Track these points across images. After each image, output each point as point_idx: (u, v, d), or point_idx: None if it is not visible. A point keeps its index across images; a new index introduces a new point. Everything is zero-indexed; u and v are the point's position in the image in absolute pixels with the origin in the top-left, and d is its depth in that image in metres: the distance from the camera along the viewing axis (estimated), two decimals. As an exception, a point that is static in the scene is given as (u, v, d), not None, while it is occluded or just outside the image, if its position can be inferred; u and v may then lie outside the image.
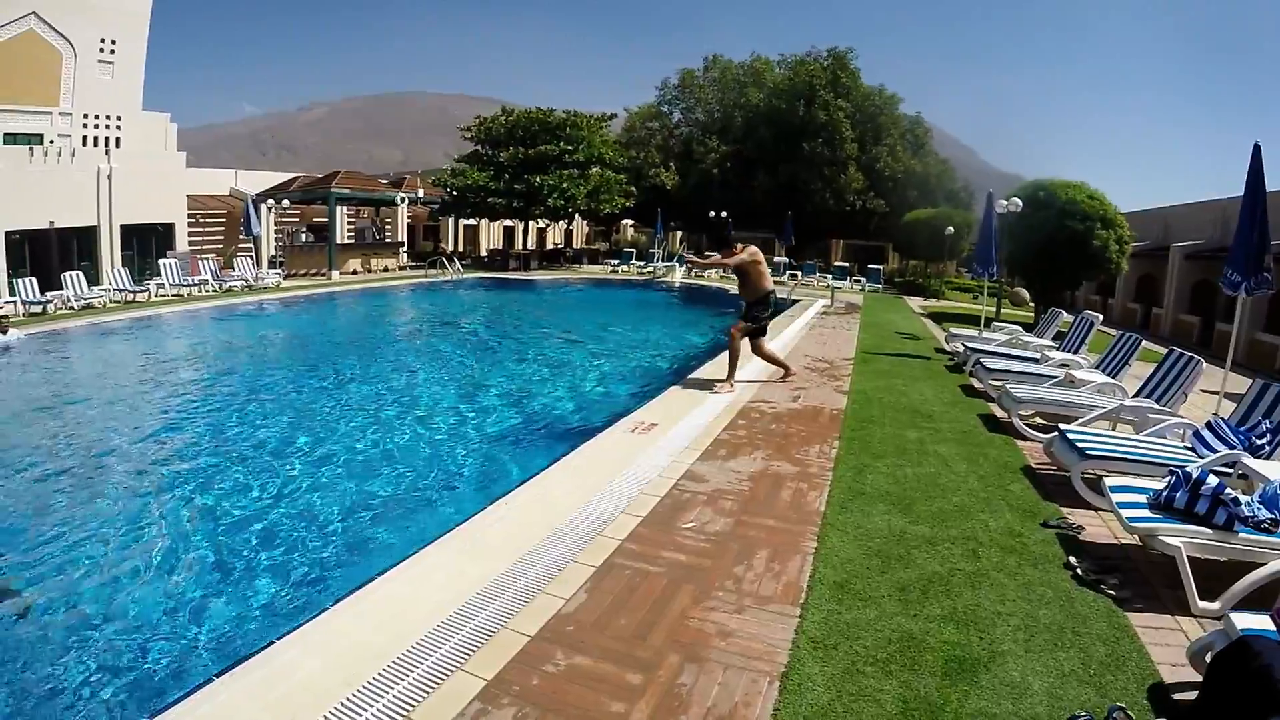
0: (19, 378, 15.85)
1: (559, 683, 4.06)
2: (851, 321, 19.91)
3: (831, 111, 44.55)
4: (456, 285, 33.55)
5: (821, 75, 45.96)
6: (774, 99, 47.38)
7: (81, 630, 5.77)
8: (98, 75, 33.18)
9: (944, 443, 8.53)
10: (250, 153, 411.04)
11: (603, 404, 11.48)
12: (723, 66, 51.94)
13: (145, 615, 5.98)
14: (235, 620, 5.93)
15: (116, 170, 30.55)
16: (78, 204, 29.66)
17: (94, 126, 33.34)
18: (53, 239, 28.89)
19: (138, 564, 6.86)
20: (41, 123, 31.69)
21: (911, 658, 4.21)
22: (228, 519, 7.86)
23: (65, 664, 5.29)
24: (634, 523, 6.19)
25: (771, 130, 46.28)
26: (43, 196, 28.19)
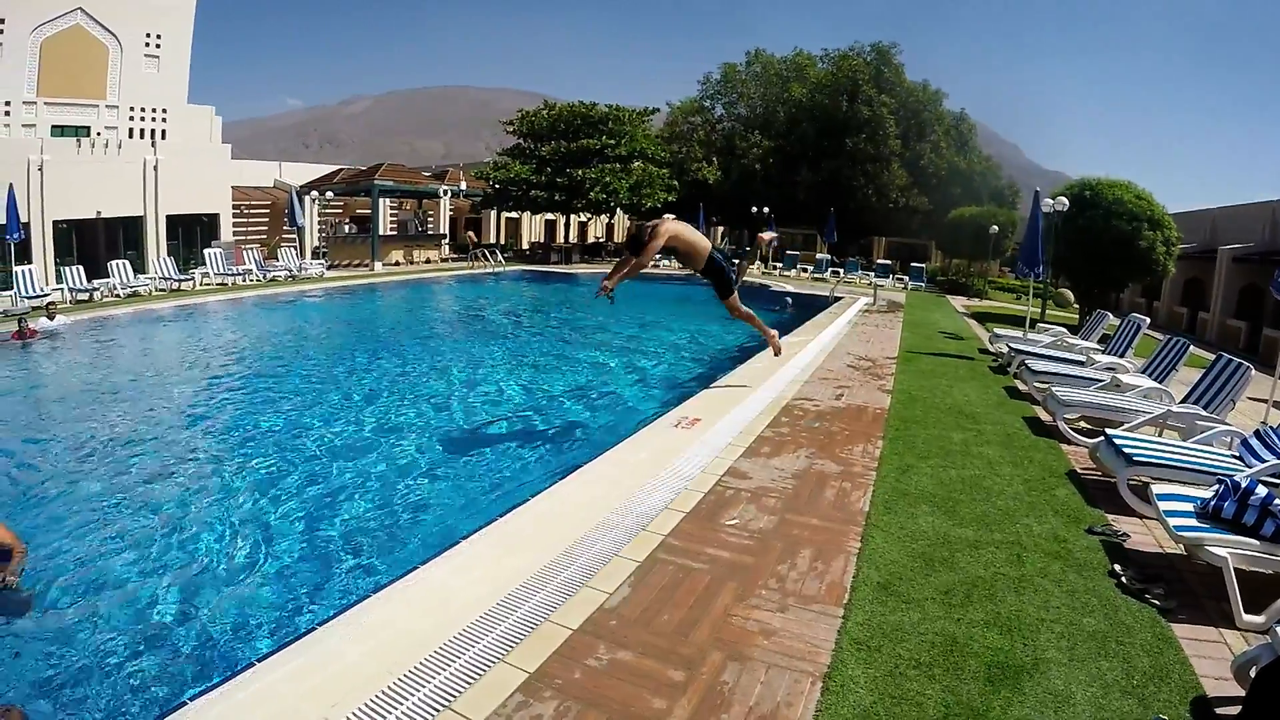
0: (66, 361, 16.19)
1: (601, 678, 4.08)
2: (894, 320, 19.81)
3: (875, 107, 44.27)
4: (498, 278, 33.72)
5: (865, 70, 45.68)
6: (817, 94, 47.13)
7: (124, 611, 5.91)
8: (144, 69, 33.84)
9: (988, 445, 8.48)
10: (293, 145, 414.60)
11: (646, 398, 11.51)
12: (765, 61, 51.64)
13: (187, 597, 6.11)
14: (277, 605, 6.03)
15: (162, 162, 31.17)
16: (124, 194, 30.30)
17: (140, 119, 34.00)
18: (99, 228, 29.58)
19: (181, 546, 7.01)
20: (89, 115, 32.34)
21: (954, 662, 4.19)
22: (271, 504, 8.01)
23: (110, 645, 5.41)
24: (678, 518, 6.21)
25: (814, 126, 46.04)
26: (90, 187, 28.83)
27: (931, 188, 44.25)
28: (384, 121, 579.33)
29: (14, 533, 6.14)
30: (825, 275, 33.38)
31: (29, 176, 27.07)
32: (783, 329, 17.16)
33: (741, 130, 50.31)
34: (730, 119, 52.99)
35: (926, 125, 45.66)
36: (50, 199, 27.87)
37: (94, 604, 5.95)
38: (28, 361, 15.91)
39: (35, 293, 22.40)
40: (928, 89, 46.92)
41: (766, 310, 22.93)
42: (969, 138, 47.52)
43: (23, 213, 24.54)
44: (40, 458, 9.62)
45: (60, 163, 28.15)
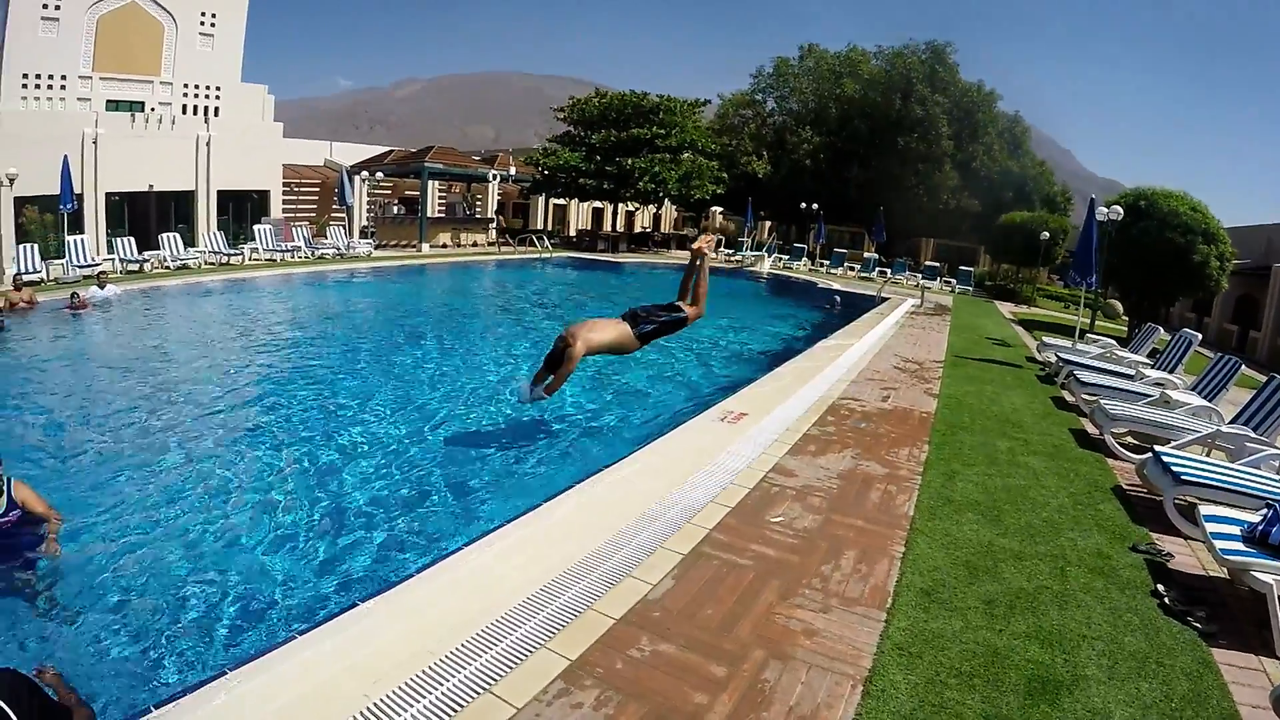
0: (116, 331, 16.58)
1: (642, 669, 4.13)
2: (941, 323, 19.71)
3: (928, 106, 43.74)
4: (544, 263, 33.84)
5: (919, 68, 45.11)
6: (869, 91, 46.61)
7: (166, 579, 6.04)
8: (198, 47, 34.23)
9: (1034, 455, 8.45)
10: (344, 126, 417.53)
11: (690, 390, 11.53)
12: (818, 56, 51.05)
13: (229, 568, 6.25)
14: (318, 581, 6.14)
15: (215, 138, 31.63)
16: (176, 169, 30.82)
17: (194, 96, 34.40)
18: (151, 201, 30.08)
19: (224, 518, 7.16)
20: (143, 91, 32.79)
21: (995, 674, 4.21)
22: (315, 481, 8.15)
23: (150, 612, 5.55)
24: (722, 513, 6.27)
25: (866, 123, 45.61)
26: (143, 161, 29.31)
27: (983, 190, 43.61)
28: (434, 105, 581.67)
29: (47, 501, 6.28)
30: (872, 275, 33.15)
31: (83, 149, 27.55)
32: (830, 328, 17.13)
33: (792, 125, 49.89)
34: (781, 113, 52.53)
35: (980, 127, 44.91)
36: (104, 171, 28.37)
37: (136, 571, 6.10)
38: (80, 330, 16.26)
39: (86, 262, 22.96)
40: (982, 90, 46.09)
41: (814, 309, 22.93)
42: (1022, 141, 46.72)
43: (76, 184, 25.01)
44: (89, 425, 9.83)
45: (114, 136, 28.65)
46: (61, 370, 12.89)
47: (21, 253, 22.15)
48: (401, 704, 3.82)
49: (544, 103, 57.42)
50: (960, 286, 31.97)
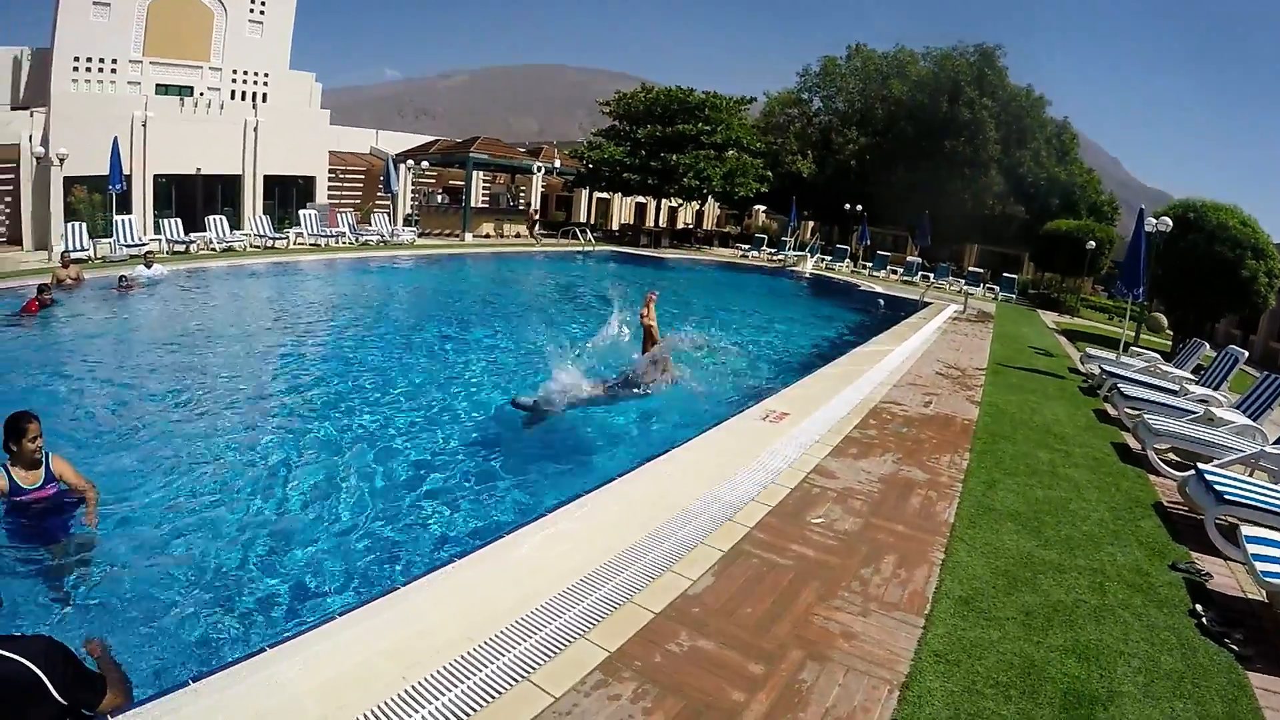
0: (163, 310, 16.98)
1: (681, 663, 4.18)
2: (984, 330, 19.57)
3: (976, 110, 43.33)
4: (587, 256, 33.93)
5: (967, 71, 44.67)
6: (917, 93, 46.28)
7: (208, 554, 6.18)
8: (247, 34, 34.87)
9: (1076, 468, 8.41)
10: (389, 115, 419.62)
11: (733, 388, 11.54)
12: (865, 56, 50.77)
13: (269, 546, 6.39)
14: (358, 561, 6.24)
15: (262, 124, 32.26)
16: (224, 153, 31.49)
17: (242, 82, 35.01)
18: (198, 184, 30.70)
19: (265, 496, 7.33)
20: (192, 76, 33.45)
21: (1031, 685, 4.21)
22: (356, 462, 8.28)
23: (190, 587, 5.67)
24: (763, 512, 6.31)
25: (913, 125, 45.27)
26: (191, 144, 30.01)
27: (1029, 197, 43.16)
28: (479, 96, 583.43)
29: (83, 475, 6.39)
30: (915, 279, 32.96)
31: (132, 131, 28.23)
32: (872, 331, 17.06)
33: (838, 125, 49.64)
34: (827, 113, 52.29)
35: (1027, 132, 44.39)
36: (152, 154, 29.08)
37: (175, 546, 6.24)
38: (126, 307, 16.61)
39: (133, 242, 23.55)
40: (1030, 94, 45.55)
41: (856, 311, 22.81)
42: (1070, 147, 46.10)
43: (125, 165, 25.63)
44: (132, 401, 10.08)
45: (163, 120, 29.32)
46: (106, 346, 13.18)
47: (70, 230, 22.77)
48: (439, 688, 3.88)
49: (588, 96, 57.69)
50: (1003, 293, 31.68)
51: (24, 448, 5.92)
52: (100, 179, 25.38)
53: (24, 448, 5.92)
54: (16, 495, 5.94)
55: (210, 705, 3.70)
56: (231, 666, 4.03)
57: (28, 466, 6.01)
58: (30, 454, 5.97)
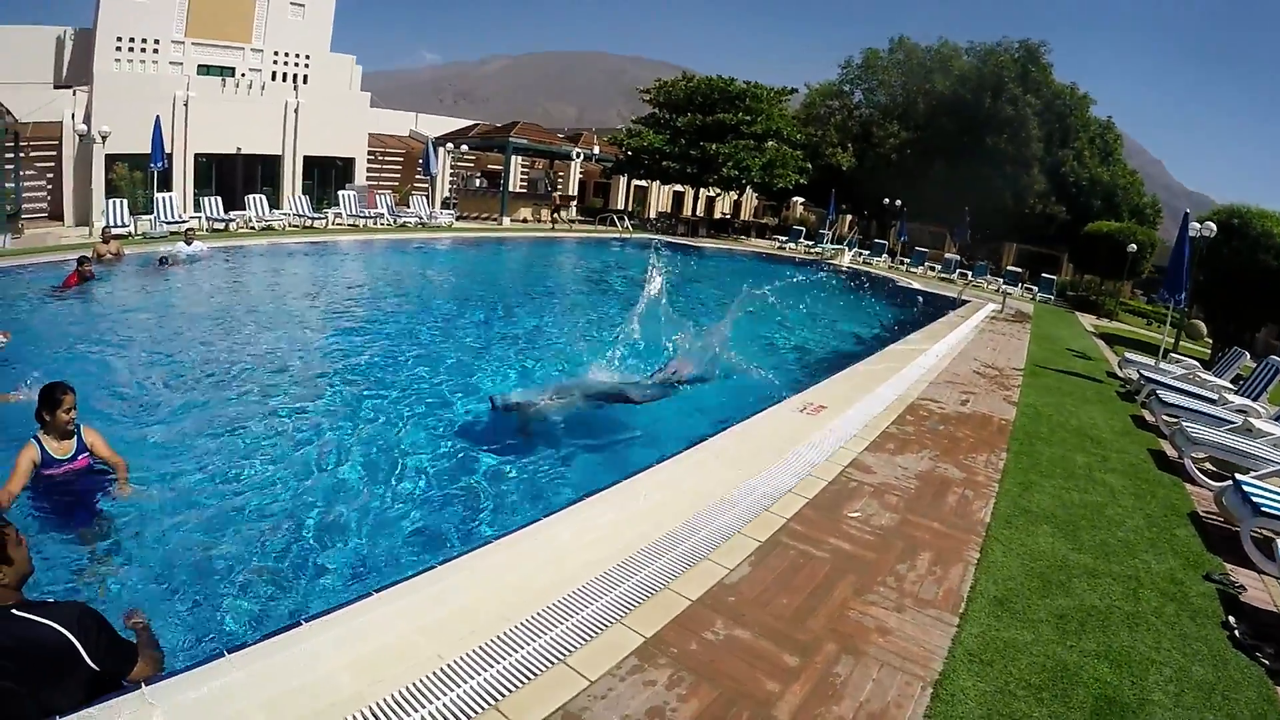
0: (201, 284, 17.31)
1: (717, 652, 4.22)
2: (1022, 330, 19.43)
3: (1019, 107, 42.73)
4: (624, 243, 33.94)
5: (1011, 67, 43.99)
6: (959, 88, 45.75)
7: (243, 530, 6.27)
8: (289, 16, 35.23)
9: (1112, 473, 8.38)
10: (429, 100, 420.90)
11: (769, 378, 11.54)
12: (908, 49, 50.12)
13: (303, 524, 6.46)
14: (393, 541, 6.33)
15: (303, 105, 32.69)
16: (264, 134, 31.94)
17: (284, 64, 35.36)
18: (238, 163, 31.13)
19: (298, 474, 7.42)
20: (234, 57, 33.88)
21: (1063, 689, 4.23)
22: (391, 443, 8.37)
23: (225, 563, 5.76)
24: (800, 504, 6.36)
25: (954, 121, 44.72)
26: (231, 124, 30.45)
27: (1070, 197, 42.59)
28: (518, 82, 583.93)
29: (112, 448, 6.47)
30: (952, 276, 32.68)
31: (174, 111, 28.69)
32: (909, 327, 16.97)
33: (879, 118, 49.18)
34: (868, 106, 51.82)
35: (1071, 131, 43.78)
36: (193, 133, 29.59)
37: (211, 521, 6.33)
38: (165, 283, 16.93)
39: (174, 219, 23.93)
40: (1075, 92, 44.96)
41: (894, 307, 22.68)
42: (1114, 148, 45.50)
43: (166, 144, 26.03)
44: (168, 374, 10.24)
45: (204, 100, 29.86)
46: (145, 320, 13.38)
47: (111, 207, 23.14)
48: (475, 667, 3.93)
49: (627, 84, 57.62)
50: (1041, 294, 31.38)
51: (58, 418, 5.99)
52: (141, 157, 25.89)
53: (58, 418, 5.99)
54: (48, 467, 6.00)
55: (244, 677, 3.78)
56: (266, 640, 4.11)
57: (60, 437, 6.09)
58: (64, 425, 6.03)
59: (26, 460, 5.86)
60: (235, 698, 3.62)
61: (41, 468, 5.95)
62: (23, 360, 9.77)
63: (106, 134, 25.43)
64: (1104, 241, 32.39)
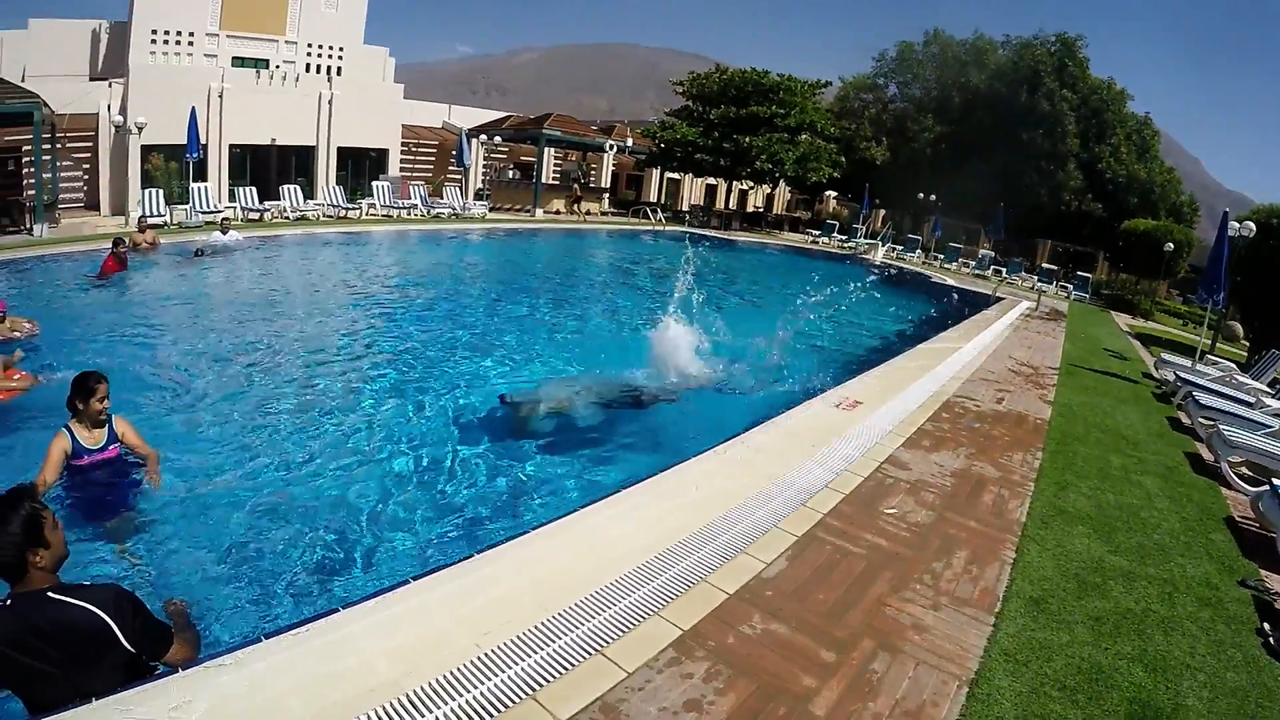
0: (237, 273, 17.61)
1: (754, 646, 4.26)
2: (1057, 329, 19.29)
3: (1055, 102, 42.34)
4: (657, 236, 33.95)
5: (1048, 61, 43.60)
6: (995, 82, 45.34)
7: (277, 517, 6.36)
8: (323, 9, 35.74)
9: (1148, 475, 8.34)
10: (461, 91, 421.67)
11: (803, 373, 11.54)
12: (943, 42, 49.80)
13: (342, 511, 6.55)
14: (429, 530, 6.39)
15: (337, 97, 32.81)
16: (298, 125, 32.14)
17: (317, 56, 35.75)
18: (272, 154, 31.49)
19: (336, 461, 7.52)
20: (268, 49, 34.37)
21: (1098, 692, 4.24)
22: (427, 431, 8.48)
23: (261, 550, 5.85)
24: (837, 499, 6.40)
25: (989, 115, 44.34)
26: (265, 115, 30.66)
27: (1106, 194, 42.18)
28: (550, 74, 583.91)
29: (143, 438, 6.48)
30: (987, 273, 32.41)
31: (209, 102, 28.93)
32: (944, 324, 16.89)
33: (913, 112, 48.87)
34: (903, 99, 51.49)
35: (1107, 127, 43.36)
36: (228, 124, 29.81)
37: (248, 508, 6.42)
38: (200, 272, 17.20)
39: (209, 208, 24.29)
40: (1112, 88, 44.50)
41: (927, 303, 22.57)
42: (1151, 145, 45.01)
43: (201, 135, 26.46)
44: (204, 362, 10.38)
45: (239, 91, 30.05)
46: (179, 309, 13.62)
47: (147, 197, 23.47)
48: (512, 656, 3.97)
49: (659, 76, 57.49)
50: (1076, 293, 31.02)
51: (91, 407, 5.97)
52: (176, 147, 26.20)
53: (91, 407, 5.97)
54: (79, 457, 5.99)
55: (281, 661, 3.83)
56: (303, 626, 4.15)
57: (92, 426, 6.08)
58: (96, 414, 6.02)
59: (58, 450, 5.88)
60: (272, 683, 3.68)
61: (72, 457, 5.96)
62: (58, 348, 9.97)
63: (143, 125, 25.79)
64: (1140, 240, 32.00)
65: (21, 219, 21.26)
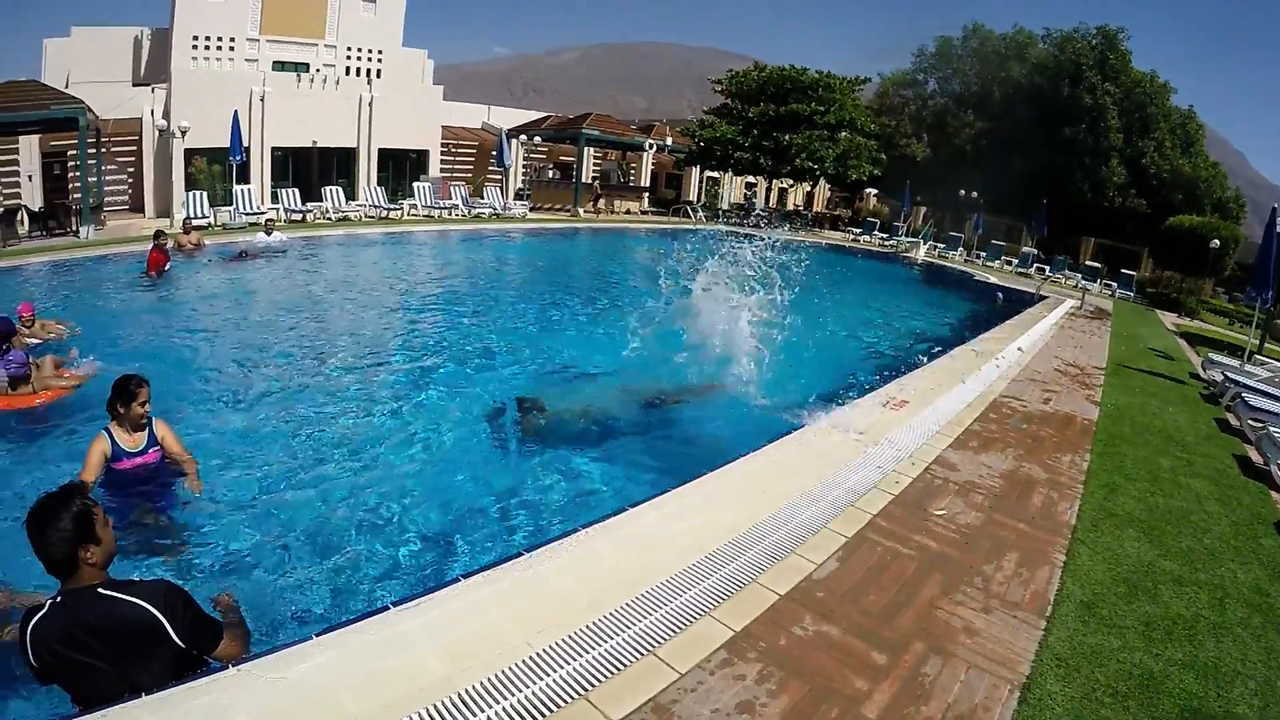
0: (282, 274, 17.87)
1: (805, 648, 4.29)
2: (1102, 328, 19.04)
3: (1097, 96, 41.74)
4: (698, 234, 33.94)
5: (1089, 55, 42.95)
6: (1036, 76, 44.77)
7: (332, 513, 6.47)
8: (361, 12, 36.25)
9: (1197, 478, 8.27)
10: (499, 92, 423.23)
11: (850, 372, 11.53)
12: (983, 36, 49.19)
13: (392, 508, 6.64)
14: (481, 527, 6.47)
15: (377, 99, 33.20)
16: (339, 127, 32.57)
17: (356, 58, 36.26)
18: (314, 156, 31.96)
19: (389, 459, 7.64)
20: (308, 53, 34.90)
21: (1149, 698, 4.24)
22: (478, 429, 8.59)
23: (314, 544, 5.97)
24: (886, 500, 6.44)
25: (1031, 110, 43.80)
26: (307, 118, 31.13)
27: (1150, 190, 41.53)
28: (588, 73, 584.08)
29: (182, 443, 6.47)
30: (1029, 271, 31.98)
31: (251, 106, 29.43)
32: (988, 323, 16.75)
33: (953, 108, 48.44)
34: (943, 95, 51.05)
35: (1151, 121, 42.60)
36: (270, 127, 30.33)
37: (301, 508, 6.52)
38: (245, 273, 17.52)
39: (252, 210, 24.71)
40: (1155, 81, 43.68)
41: (971, 302, 22.39)
42: (1195, 139, 44.25)
43: (244, 138, 26.98)
44: (249, 363, 10.56)
45: (280, 95, 30.58)
46: (226, 309, 13.85)
47: (191, 199, 24.06)
48: (564, 656, 4.02)
49: (696, 74, 57.39)
50: (1121, 291, 30.56)
51: (133, 411, 5.96)
52: (219, 150, 26.80)
53: (133, 411, 5.96)
54: (118, 460, 5.98)
55: (332, 659, 3.89)
56: (354, 623, 4.21)
57: (132, 430, 6.08)
58: (137, 417, 6.02)
59: (97, 453, 5.89)
60: (323, 680, 3.74)
61: (111, 460, 5.96)
62: (104, 348, 10.08)
63: (186, 129, 26.26)
64: (1185, 237, 31.35)
65: (68, 221, 21.81)
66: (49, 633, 3.37)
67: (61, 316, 11.29)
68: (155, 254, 15.57)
